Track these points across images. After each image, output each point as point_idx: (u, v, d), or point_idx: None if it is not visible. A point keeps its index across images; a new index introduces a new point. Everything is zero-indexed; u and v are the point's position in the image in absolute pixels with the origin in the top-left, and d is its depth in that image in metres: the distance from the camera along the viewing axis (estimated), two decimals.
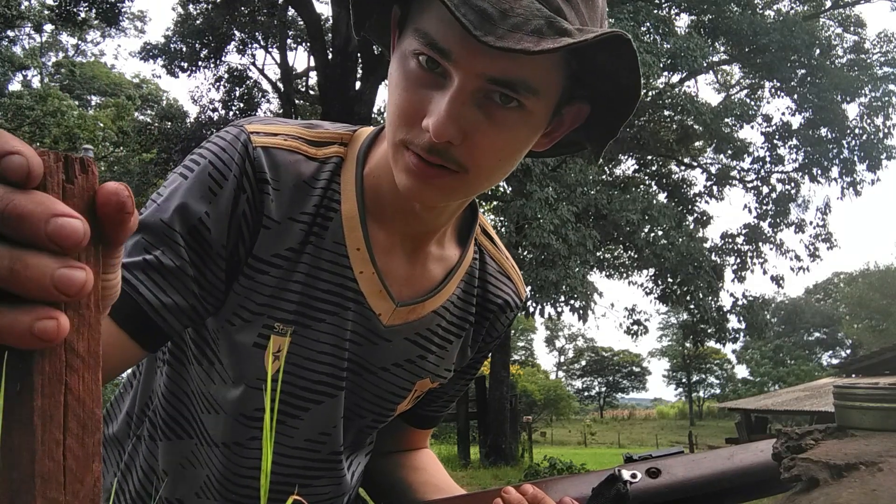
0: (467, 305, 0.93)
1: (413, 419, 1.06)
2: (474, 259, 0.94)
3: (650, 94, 13.70)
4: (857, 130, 13.70)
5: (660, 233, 12.52)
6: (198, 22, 14.70)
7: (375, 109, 12.96)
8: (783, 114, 14.67)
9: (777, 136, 14.74)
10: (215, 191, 0.75)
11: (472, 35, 0.61)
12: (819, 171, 14.14)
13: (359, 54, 12.30)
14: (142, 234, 0.73)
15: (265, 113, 15.49)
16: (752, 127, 14.92)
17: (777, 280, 14.46)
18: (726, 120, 13.53)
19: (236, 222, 0.76)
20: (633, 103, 0.72)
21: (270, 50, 15.95)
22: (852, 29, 15.04)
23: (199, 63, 14.96)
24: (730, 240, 14.87)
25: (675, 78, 14.30)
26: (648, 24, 11.86)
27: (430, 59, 0.68)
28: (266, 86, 15.80)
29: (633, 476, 0.81)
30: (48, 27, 25.03)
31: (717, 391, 54.36)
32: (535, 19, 0.64)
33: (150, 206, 0.75)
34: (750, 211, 14.96)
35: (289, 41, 15.73)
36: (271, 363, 0.79)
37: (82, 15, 14.53)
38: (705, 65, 12.83)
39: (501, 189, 13.28)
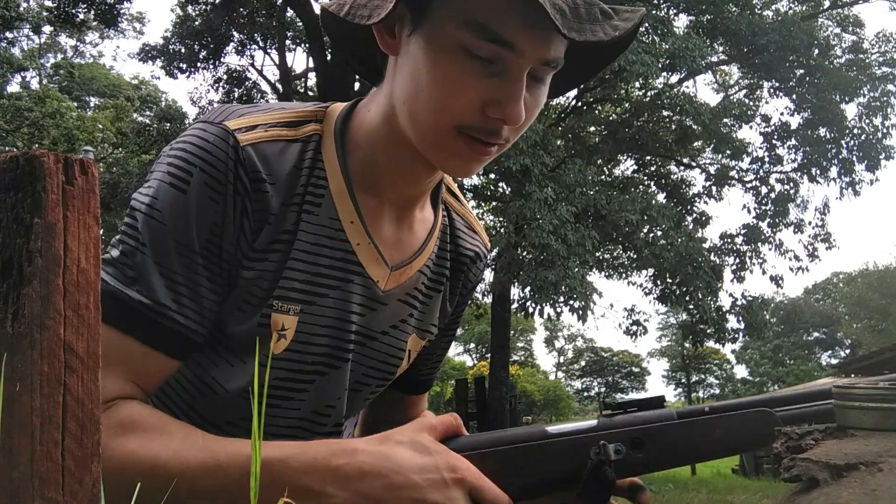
0: (442, 261, 0.97)
1: (408, 386, 1.08)
2: (443, 216, 0.98)
3: (649, 94, 13.70)
4: (855, 130, 13.70)
5: (659, 233, 12.52)
6: (196, 23, 14.69)
7: None
8: (782, 114, 14.68)
9: (776, 137, 14.75)
10: (217, 200, 0.75)
11: (560, 33, 0.68)
12: (818, 171, 14.14)
13: None
14: (154, 259, 0.73)
15: None
16: (751, 127, 14.94)
17: (776, 280, 14.47)
18: (725, 120, 13.53)
19: (238, 224, 0.77)
20: (613, 60, 0.86)
21: (269, 51, 15.96)
22: (851, 29, 15.06)
23: (198, 64, 14.96)
24: (729, 240, 14.88)
25: (674, 78, 14.32)
26: (647, 24, 11.86)
27: (489, 51, 0.72)
28: (265, 87, 15.81)
29: (618, 451, 0.77)
30: (47, 28, 25.02)
31: (717, 391, 54.37)
32: (589, 7, 0.72)
33: (150, 223, 0.74)
34: (749, 211, 14.96)
35: (287, 42, 15.73)
36: (275, 342, 0.80)
37: (81, 16, 14.53)
38: (704, 65, 12.83)
39: (501, 189, 13.29)
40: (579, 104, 14.70)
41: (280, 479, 0.71)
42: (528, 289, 10.67)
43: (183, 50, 14.77)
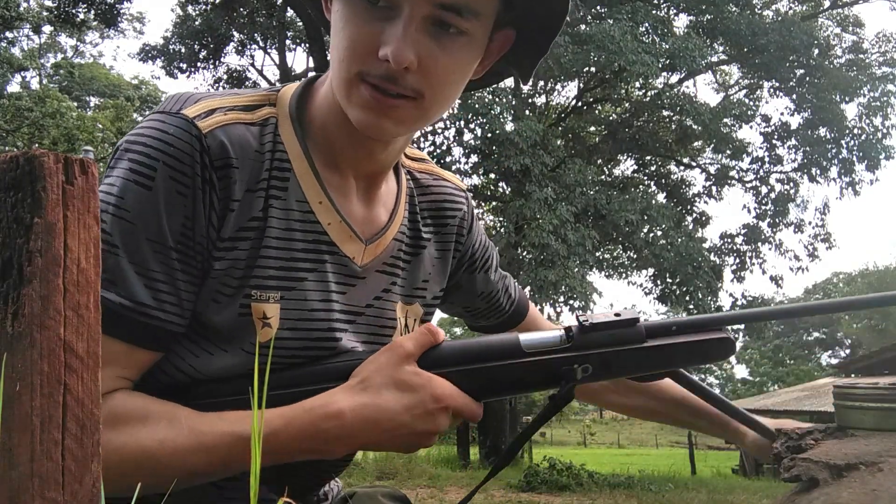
0: (415, 224, 0.97)
1: (505, 324, 1.13)
2: (407, 180, 0.98)
3: (649, 94, 13.71)
4: (855, 130, 13.71)
5: (659, 233, 12.53)
6: (196, 23, 14.70)
7: None
8: (782, 114, 14.70)
9: (776, 136, 14.75)
10: (185, 193, 0.75)
11: None
12: (818, 171, 14.15)
13: None
14: (128, 259, 0.73)
15: None
16: (751, 127, 14.94)
17: (776, 280, 14.48)
18: (725, 120, 13.53)
19: (207, 214, 0.77)
20: (561, 22, 0.81)
21: (269, 51, 15.96)
22: (851, 29, 15.06)
23: (198, 64, 14.96)
24: (729, 240, 14.88)
25: (674, 78, 14.32)
26: (647, 24, 11.86)
27: None
28: (265, 87, 15.79)
29: (584, 371, 0.82)
30: (47, 28, 25.03)
31: (717, 391, 54.29)
32: None
33: (120, 224, 0.73)
34: (749, 211, 14.97)
35: (287, 42, 15.74)
36: (260, 330, 0.80)
37: (81, 16, 14.53)
38: (704, 65, 12.84)
39: (501, 189, 13.29)
40: (579, 104, 14.70)
41: (272, 454, 0.74)
42: (528, 288, 10.67)
43: (183, 50, 14.78)
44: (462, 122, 11.50)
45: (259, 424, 0.41)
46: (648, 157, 15.84)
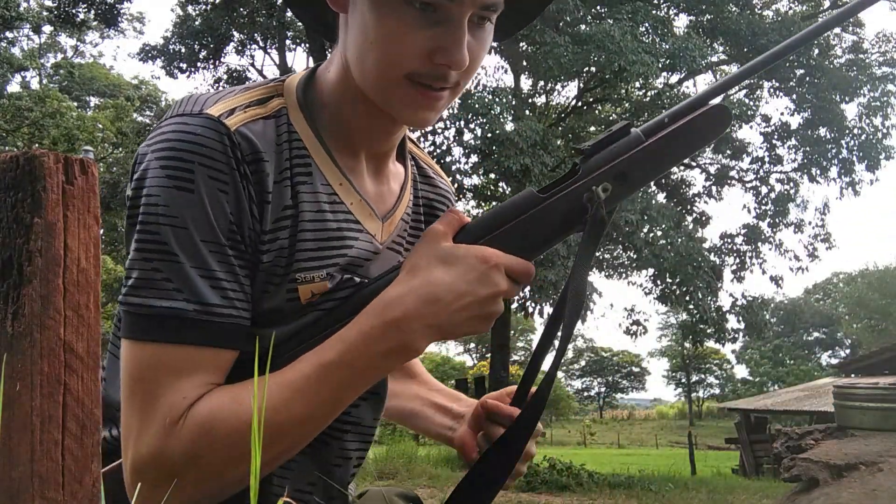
0: (417, 208, 1.01)
1: None
2: (412, 165, 1.02)
3: (649, 94, 13.70)
4: (855, 130, 13.70)
5: (659, 233, 12.52)
6: (197, 23, 14.69)
7: None
8: (782, 114, 14.70)
9: (776, 136, 14.74)
10: (226, 190, 0.76)
11: None
12: (818, 171, 14.14)
13: None
14: (189, 263, 0.74)
15: None
16: (751, 127, 14.93)
17: (776, 280, 14.46)
18: None
19: (249, 208, 0.78)
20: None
21: (269, 51, 15.96)
22: (851, 29, 15.04)
23: (198, 64, 14.95)
24: (729, 240, 14.87)
25: (674, 78, 14.31)
26: (647, 24, 11.86)
27: (426, 4, 0.76)
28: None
29: (605, 190, 0.82)
30: (47, 28, 25.03)
31: (717, 391, 54.36)
32: None
33: (173, 231, 0.74)
34: (749, 211, 14.96)
35: (287, 42, 15.73)
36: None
37: (81, 16, 14.53)
38: (704, 65, 12.83)
39: (501, 189, 13.29)
40: (579, 104, 14.70)
41: (356, 369, 0.76)
42: (528, 288, 10.66)
43: (183, 50, 14.77)
44: (462, 122, 11.50)
45: (259, 425, 0.41)
46: None
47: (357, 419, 0.90)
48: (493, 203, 13.25)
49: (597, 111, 15.71)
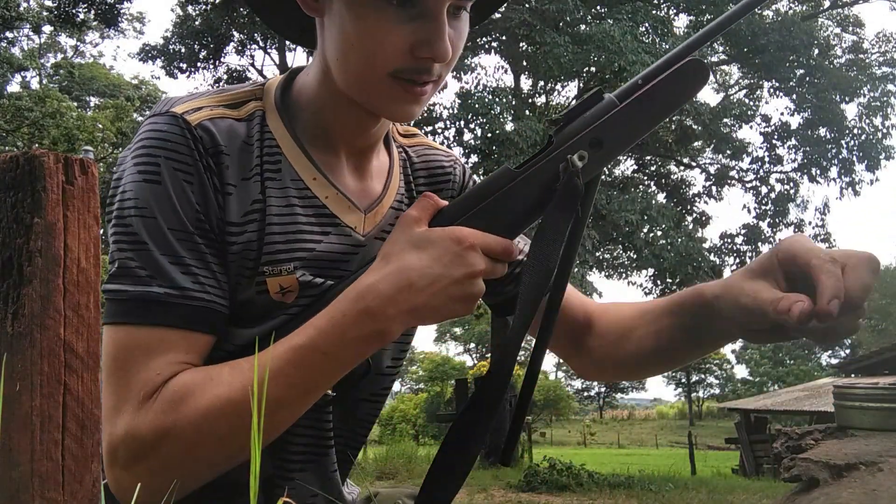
0: (411, 191, 1.01)
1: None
2: (400, 153, 1.02)
3: None
4: (855, 130, 13.71)
5: (659, 233, 12.52)
6: (196, 23, 14.70)
7: None
8: (782, 114, 14.70)
9: (776, 137, 14.75)
10: (191, 181, 0.79)
11: None
12: (818, 171, 14.15)
13: None
14: (160, 252, 0.76)
15: None
16: (751, 127, 14.94)
17: None
18: (725, 120, 13.53)
19: (215, 197, 0.81)
20: None
21: (269, 51, 15.96)
22: (851, 29, 15.06)
23: (198, 64, 14.96)
24: (729, 240, 14.88)
25: None
26: (647, 24, 11.87)
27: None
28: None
29: (581, 157, 0.79)
30: (47, 28, 25.04)
31: (717, 391, 54.36)
32: None
33: (143, 221, 0.77)
34: (749, 211, 14.97)
35: (287, 42, 15.73)
36: (283, 297, 0.83)
37: (81, 16, 14.54)
38: None
39: None
40: None
41: (332, 355, 0.75)
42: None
43: (183, 50, 14.78)
44: (462, 122, 11.51)
45: (259, 424, 0.41)
46: (648, 157, 15.83)
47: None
48: None
49: None
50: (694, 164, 16.23)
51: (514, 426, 0.85)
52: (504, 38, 13.22)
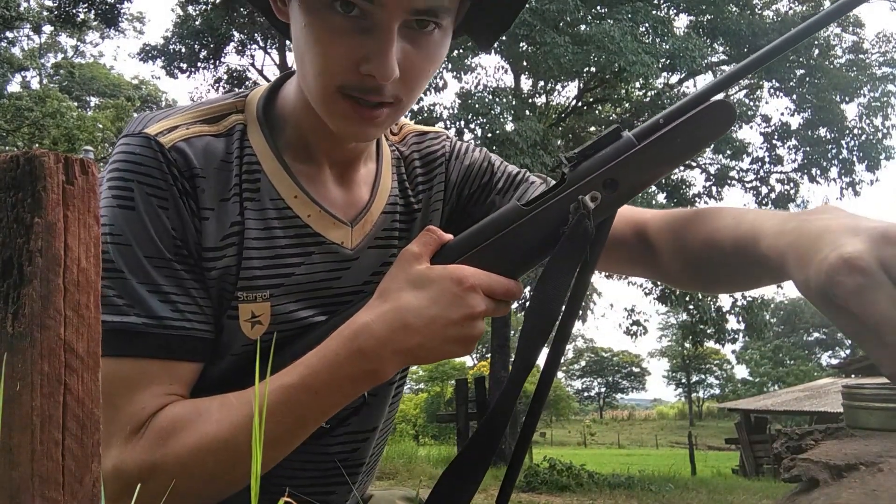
0: (405, 190, 0.96)
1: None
2: (393, 151, 0.97)
3: (649, 94, 13.71)
4: (856, 131, 13.70)
5: None
6: (197, 23, 14.70)
7: None
8: (782, 114, 14.69)
9: (776, 137, 14.75)
10: (166, 206, 0.76)
11: None
12: (818, 172, 14.14)
13: None
14: (136, 280, 0.74)
15: None
16: (751, 127, 14.94)
17: None
18: None
19: (192, 221, 0.78)
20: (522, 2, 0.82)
21: (269, 51, 15.96)
22: (851, 29, 15.05)
23: (199, 64, 14.96)
24: None
25: (674, 78, 14.32)
26: (647, 24, 11.86)
27: (347, 4, 0.71)
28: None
29: (594, 199, 0.74)
30: (47, 28, 25.05)
31: (717, 391, 54.38)
32: None
33: (118, 249, 0.74)
34: None
35: (287, 42, 15.73)
36: (251, 329, 0.80)
37: (81, 16, 14.54)
38: (704, 65, 12.83)
39: None
40: (579, 104, 14.70)
41: (323, 395, 0.72)
42: (529, 288, 10.67)
43: (183, 50, 14.78)
44: (462, 122, 11.50)
45: (259, 423, 0.41)
46: None
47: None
48: None
49: (597, 111, 15.71)
50: (694, 164, 16.23)
51: (515, 456, 0.80)
52: (504, 38, 13.22)
